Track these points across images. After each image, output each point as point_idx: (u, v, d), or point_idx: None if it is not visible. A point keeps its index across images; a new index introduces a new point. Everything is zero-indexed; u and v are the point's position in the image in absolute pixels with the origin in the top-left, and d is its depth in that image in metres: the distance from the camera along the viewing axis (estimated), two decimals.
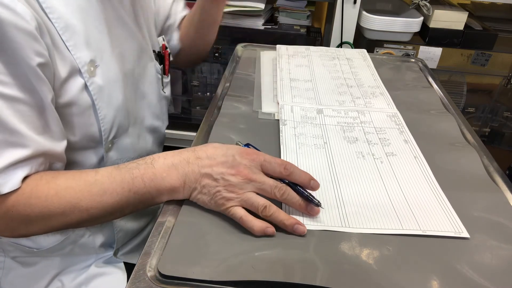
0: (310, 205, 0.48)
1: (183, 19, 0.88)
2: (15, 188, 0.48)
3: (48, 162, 0.53)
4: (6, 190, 0.47)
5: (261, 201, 0.47)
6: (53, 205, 0.49)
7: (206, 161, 0.50)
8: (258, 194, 0.48)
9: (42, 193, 0.49)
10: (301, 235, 0.46)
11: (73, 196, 0.49)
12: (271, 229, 0.46)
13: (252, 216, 0.46)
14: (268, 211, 0.46)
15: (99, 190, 0.50)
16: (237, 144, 0.56)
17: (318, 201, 0.48)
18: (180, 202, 0.52)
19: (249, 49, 0.99)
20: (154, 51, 0.73)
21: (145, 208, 0.52)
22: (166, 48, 0.78)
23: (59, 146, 0.53)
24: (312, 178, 0.49)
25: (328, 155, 0.61)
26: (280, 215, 0.47)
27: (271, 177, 0.49)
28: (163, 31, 0.85)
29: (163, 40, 0.78)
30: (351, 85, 0.83)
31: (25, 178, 0.49)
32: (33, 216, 0.49)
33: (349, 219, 0.50)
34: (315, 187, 0.49)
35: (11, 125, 0.46)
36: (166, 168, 0.50)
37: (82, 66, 0.54)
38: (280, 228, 0.47)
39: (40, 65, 0.47)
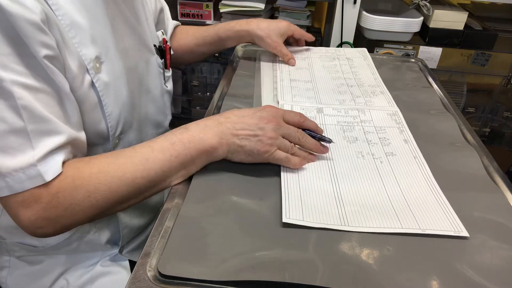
0: (322, 145, 0.60)
1: (174, 27, 0.90)
2: (58, 173, 0.48)
3: (73, 152, 0.53)
4: (50, 177, 0.47)
5: (288, 143, 0.56)
6: (99, 181, 0.49)
7: (236, 118, 0.55)
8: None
9: (85, 173, 0.49)
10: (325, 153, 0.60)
11: (116, 170, 0.50)
12: (304, 161, 0.58)
13: (291, 155, 0.56)
14: (295, 150, 0.57)
15: (141, 159, 0.51)
16: None
17: (329, 139, 0.60)
18: (180, 202, 0.52)
19: (249, 49, 0.99)
20: (154, 45, 0.74)
21: (185, 176, 0.55)
22: (167, 42, 0.78)
23: (82, 135, 0.54)
24: (317, 124, 0.60)
25: (327, 155, 0.61)
26: (302, 152, 0.58)
27: None
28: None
29: (163, 34, 0.78)
30: (351, 84, 0.83)
31: (63, 164, 0.49)
32: (79, 198, 0.49)
33: (348, 218, 0.50)
34: (320, 131, 0.60)
35: (41, 114, 0.47)
36: (201, 130, 0.54)
37: (88, 63, 0.54)
38: (280, 228, 0.48)
39: (48, 57, 0.47)
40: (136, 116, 0.67)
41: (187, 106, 1.62)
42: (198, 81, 1.56)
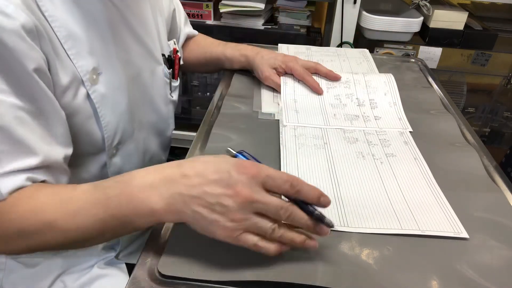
0: (319, 225, 0.43)
1: (186, 37, 0.88)
2: (10, 189, 0.45)
3: (51, 173, 0.51)
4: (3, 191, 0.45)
5: (267, 224, 0.41)
6: (28, 223, 0.45)
7: (194, 179, 0.42)
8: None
9: (20, 208, 0.46)
10: (313, 249, 0.44)
11: (48, 215, 0.45)
12: (285, 246, 0.43)
13: (265, 241, 0.42)
14: (277, 233, 0.42)
15: (73, 210, 0.45)
16: (228, 151, 0.50)
17: (330, 221, 0.43)
18: None
19: None
20: (163, 55, 0.73)
21: (129, 233, 0.47)
22: (177, 52, 0.77)
23: (63, 153, 0.52)
24: (321, 194, 0.43)
25: (328, 155, 0.61)
26: (289, 234, 0.42)
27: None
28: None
29: (175, 44, 0.77)
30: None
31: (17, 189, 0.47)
32: (11, 233, 0.46)
33: (348, 219, 0.50)
34: (326, 204, 0.43)
35: (17, 136, 0.45)
36: (145, 189, 0.43)
37: (84, 75, 0.53)
38: None
39: (35, 70, 0.46)
40: (136, 125, 0.66)
41: (187, 106, 1.61)
42: (198, 81, 1.56)
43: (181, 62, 0.79)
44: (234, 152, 0.49)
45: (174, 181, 0.42)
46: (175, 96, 0.78)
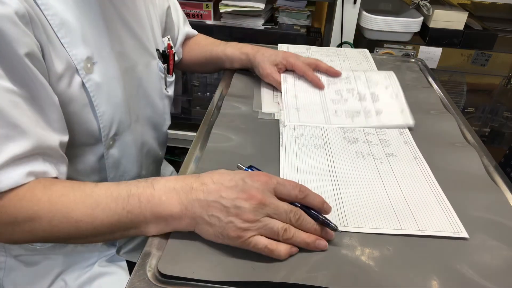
0: (325, 229, 0.46)
1: (185, 36, 0.89)
2: (16, 185, 0.46)
3: (49, 161, 0.51)
4: (4, 187, 0.46)
5: (279, 224, 0.44)
6: (43, 210, 0.46)
7: (212, 186, 0.45)
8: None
9: (35, 197, 0.47)
10: (324, 250, 0.45)
11: (65, 205, 0.47)
12: (294, 249, 0.45)
13: (275, 242, 0.44)
14: (289, 233, 0.44)
15: (92, 202, 0.47)
16: (238, 167, 0.53)
17: (335, 225, 0.46)
18: None
19: None
20: (158, 50, 0.73)
21: (136, 235, 0.48)
22: (171, 47, 0.77)
23: (59, 139, 0.52)
24: (324, 201, 0.47)
25: (328, 155, 0.61)
26: (301, 234, 0.45)
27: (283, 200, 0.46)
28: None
29: (169, 40, 0.78)
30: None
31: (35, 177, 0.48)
32: (20, 219, 0.47)
33: (348, 219, 0.50)
34: (328, 210, 0.47)
35: (10, 118, 0.45)
36: (167, 191, 0.46)
37: (78, 63, 0.54)
38: None
39: (27, 55, 0.46)
40: (133, 118, 0.67)
41: (187, 106, 1.61)
42: (198, 81, 1.56)
43: (176, 58, 0.79)
44: (244, 167, 0.52)
45: (193, 188, 0.46)
46: (170, 91, 0.78)
